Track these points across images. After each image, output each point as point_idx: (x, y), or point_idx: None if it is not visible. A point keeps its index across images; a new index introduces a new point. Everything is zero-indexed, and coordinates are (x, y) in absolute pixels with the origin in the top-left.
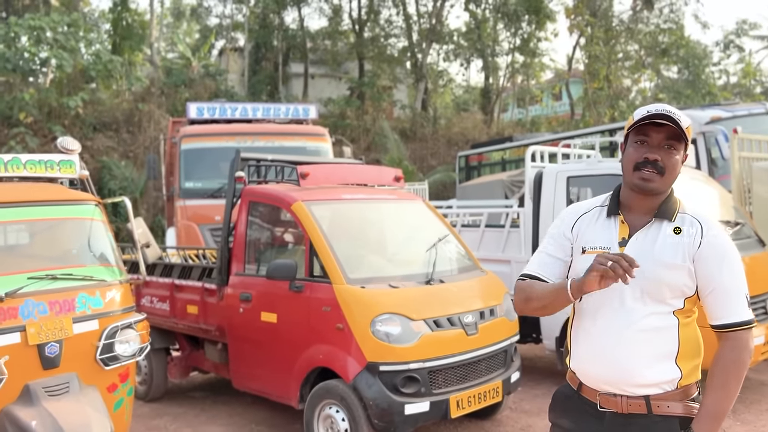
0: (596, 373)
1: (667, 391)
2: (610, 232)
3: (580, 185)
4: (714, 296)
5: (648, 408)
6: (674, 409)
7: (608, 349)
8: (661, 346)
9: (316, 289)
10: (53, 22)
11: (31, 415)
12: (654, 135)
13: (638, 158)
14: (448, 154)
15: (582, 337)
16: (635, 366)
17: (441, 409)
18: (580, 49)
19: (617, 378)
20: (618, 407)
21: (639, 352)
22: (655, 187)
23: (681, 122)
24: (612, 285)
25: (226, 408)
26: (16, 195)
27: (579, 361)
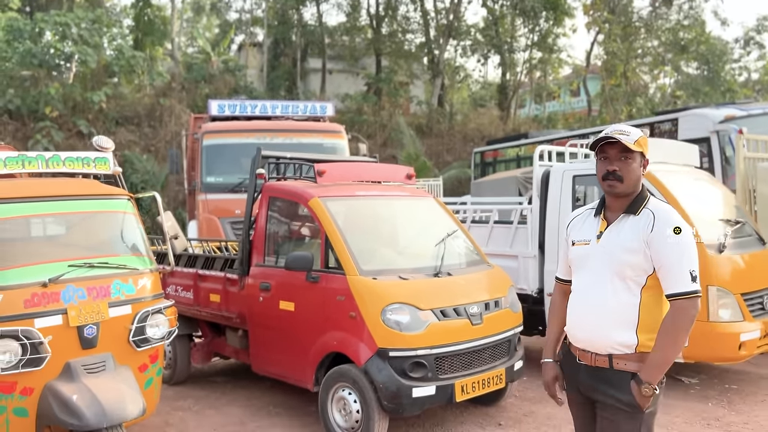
0: (576, 335)
1: (626, 353)
2: (593, 228)
3: (585, 184)
4: (663, 272)
5: (610, 364)
6: (630, 367)
7: (585, 317)
8: (624, 317)
9: (331, 279)
10: (78, 18)
11: (71, 389)
12: (610, 151)
13: (602, 171)
14: (464, 150)
15: (571, 308)
16: (603, 331)
17: (446, 393)
18: (599, 45)
19: (589, 339)
20: (589, 361)
21: (607, 320)
22: (620, 191)
23: (629, 138)
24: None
25: (245, 391)
26: (57, 190)
27: (569, 326)
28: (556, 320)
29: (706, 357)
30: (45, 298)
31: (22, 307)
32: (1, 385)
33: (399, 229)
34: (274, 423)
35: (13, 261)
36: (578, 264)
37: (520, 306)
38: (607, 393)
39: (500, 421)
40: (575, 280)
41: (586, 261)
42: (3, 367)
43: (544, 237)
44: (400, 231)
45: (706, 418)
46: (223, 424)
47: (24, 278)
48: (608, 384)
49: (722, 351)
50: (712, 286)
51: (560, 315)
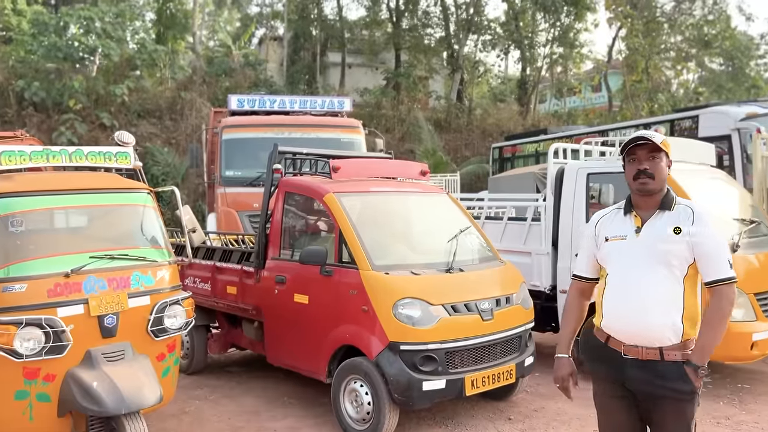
0: (622, 329)
1: (675, 344)
2: (627, 224)
3: (600, 182)
4: (704, 260)
5: (661, 356)
6: (679, 356)
7: (632, 310)
8: (672, 306)
9: (344, 274)
10: (101, 12)
11: (92, 376)
12: (639, 152)
13: (633, 171)
14: (483, 146)
15: (611, 303)
16: (652, 321)
17: (456, 387)
18: (620, 41)
19: (638, 332)
20: (638, 355)
21: (655, 310)
22: (651, 188)
23: (656, 140)
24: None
25: (260, 382)
26: (79, 183)
27: (609, 321)
28: (572, 317)
29: (718, 356)
30: (67, 288)
31: (46, 297)
32: (25, 371)
33: (412, 224)
34: (288, 413)
35: (37, 252)
36: (615, 259)
37: (531, 302)
38: (665, 386)
39: (510, 416)
40: (613, 275)
41: (624, 255)
42: (27, 354)
43: (558, 234)
44: (413, 227)
45: (716, 417)
46: (238, 413)
47: (47, 269)
48: (663, 377)
49: (734, 350)
50: None
51: (577, 312)
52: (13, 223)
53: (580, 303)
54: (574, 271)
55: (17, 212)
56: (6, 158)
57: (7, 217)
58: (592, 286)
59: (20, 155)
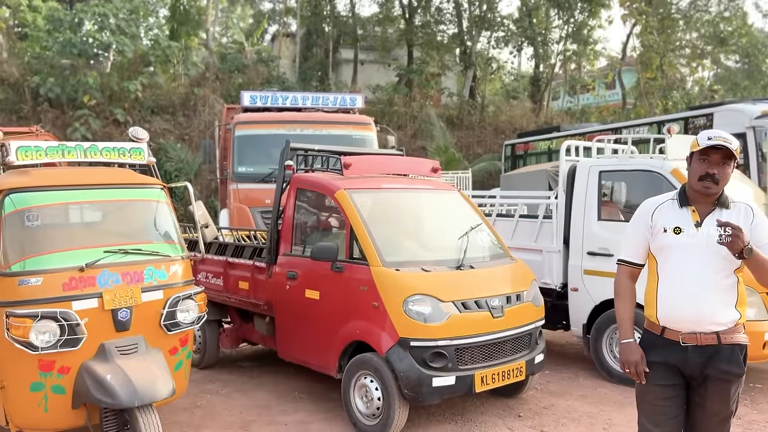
0: (681, 320)
1: (730, 328)
2: (685, 217)
3: (612, 180)
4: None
5: (718, 340)
6: (735, 339)
7: (691, 300)
8: (728, 296)
9: (355, 270)
10: (115, 8)
11: (105, 369)
12: (713, 155)
13: (702, 172)
14: (495, 143)
15: (668, 295)
16: (711, 312)
17: (466, 384)
18: (635, 38)
19: (696, 320)
20: (697, 341)
21: (713, 301)
22: (713, 192)
23: (732, 146)
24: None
25: (271, 377)
26: (94, 178)
27: (666, 312)
28: (628, 301)
29: None
30: (82, 282)
31: (61, 290)
32: (41, 364)
33: (423, 221)
34: (298, 408)
35: (52, 246)
36: (675, 251)
37: (542, 300)
38: (720, 368)
39: (520, 413)
40: (670, 267)
41: (685, 248)
42: (42, 347)
43: (570, 232)
44: (423, 223)
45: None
46: (249, 407)
47: (62, 263)
48: (720, 359)
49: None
50: None
51: (631, 296)
52: (29, 217)
53: (632, 287)
54: (622, 256)
55: (33, 207)
56: (22, 153)
57: (24, 211)
58: (639, 271)
59: (36, 150)
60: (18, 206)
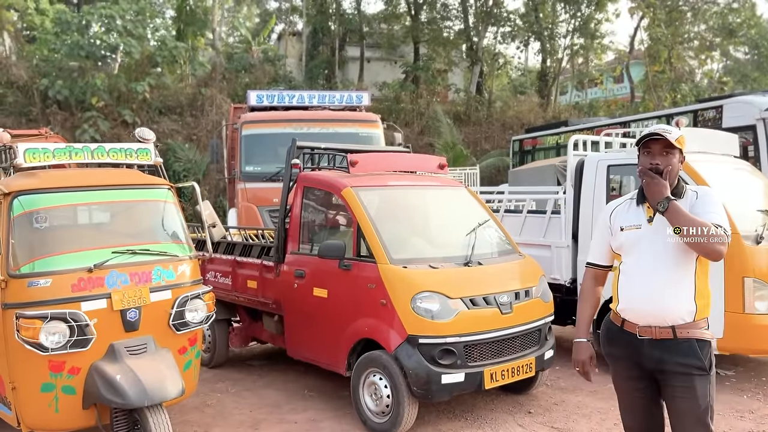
0: (638, 311)
1: (687, 322)
2: (640, 214)
3: (620, 174)
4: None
5: (674, 334)
6: (692, 334)
7: (648, 294)
8: (684, 287)
9: (362, 267)
10: (122, 10)
11: (115, 370)
12: (653, 146)
13: (645, 164)
14: (503, 138)
15: (626, 288)
16: (666, 303)
17: (475, 381)
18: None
19: (652, 314)
20: (652, 335)
21: (670, 292)
22: None
23: (671, 136)
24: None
25: (281, 375)
26: (101, 179)
27: (624, 304)
28: (588, 302)
29: (742, 349)
30: (90, 282)
31: (70, 291)
32: (51, 364)
33: (430, 218)
34: (308, 406)
35: (62, 247)
36: (631, 247)
37: (551, 296)
38: (677, 361)
39: (530, 409)
40: (629, 262)
41: (640, 243)
42: (52, 348)
43: (578, 227)
44: (431, 220)
45: (740, 411)
46: (259, 406)
47: (71, 264)
48: (676, 353)
49: (758, 343)
50: (748, 277)
51: (592, 297)
52: (37, 219)
53: (595, 288)
54: (588, 259)
55: (41, 208)
56: (30, 155)
57: (32, 213)
58: (605, 273)
59: (44, 152)
60: (26, 208)
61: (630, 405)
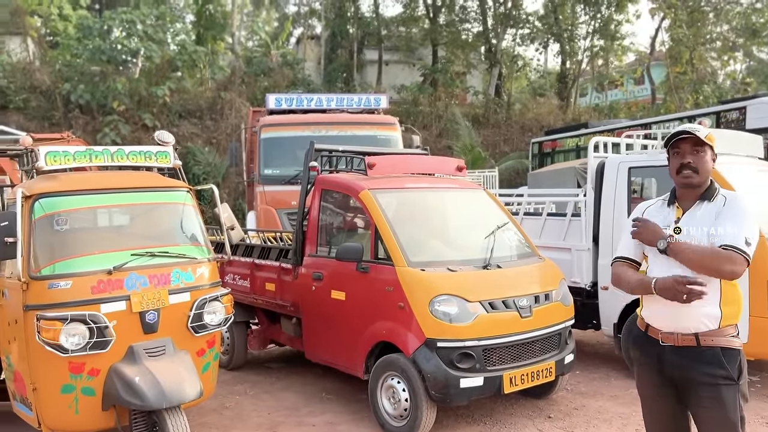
0: (660, 317)
1: (712, 330)
2: (669, 215)
3: (642, 176)
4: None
5: (697, 341)
6: (716, 342)
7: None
8: (708, 295)
9: (380, 270)
10: (143, 15)
11: (134, 371)
12: (683, 146)
13: (676, 164)
14: (522, 141)
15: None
16: (688, 310)
17: (495, 385)
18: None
19: (675, 320)
20: (675, 341)
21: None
22: (695, 181)
23: (700, 133)
24: None
25: (299, 378)
26: (121, 182)
27: (648, 310)
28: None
29: (767, 354)
30: (110, 285)
31: (90, 293)
32: (71, 366)
33: (448, 221)
34: (326, 409)
35: (82, 249)
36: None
37: (571, 299)
38: (702, 371)
39: (550, 414)
40: (654, 264)
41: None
42: (72, 349)
43: (599, 230)
44: (449, 223)
45: (765, 417)
46: (277, 409)
47: (91, 266)
48: (699, 361)
49: None
50: None
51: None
52: (58, 221)
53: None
54: (617, 254)
55: (62, 211)
56: (51, 158)
57: (53, 215)
58: (635, 267)
59: (64, 155)
60: (47, 210)
61: (654, 412)
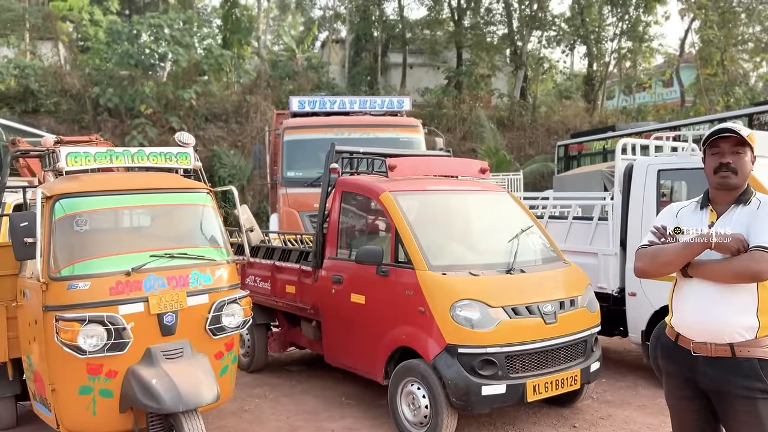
0: (692, 325)
1: (747, 339)
2: (702, 219)
3: (671, 179)
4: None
5: (732, 352)
6: (755, 353)
7: (703, 306)
8: (744, 302)
9: (400, 274)
10: (170, 19)
11: (151, 374)
12: (723, 145)
13: (714, 164)
14: (547, 144)
15: (681, 299)
16: (724, 318)
17: (517, 393)
18: (694, 33)
19: (707, 329)
20: (708, 352)
21: (728, 307)
22: (733, 183)
23: (742, 133)
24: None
25: (319, 382)
26: (141, 183)
27: (679, 318)
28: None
29: None
30: (128, 286)
31: (108, 295)
32: (89, 367)
33: (471, 224)
34: (345, 414)
35: (101, 250)
36: None
37: (597, 305)
38: (738, 383)
39: (575, 423)
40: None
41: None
42: (90, 351)
43: (626, 234)
44: (471, 226)
45: None
46: (296, 413)
47: (109, 267)
48: (735, 374)
49: None
50: None
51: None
52: (77, 222)
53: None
54: (643, 242)
55: (82, 212)
56: (72, 159)
57: (73, 216)
58: None
59: (85, 156)
60: (68, 211)
61: (684, 425)
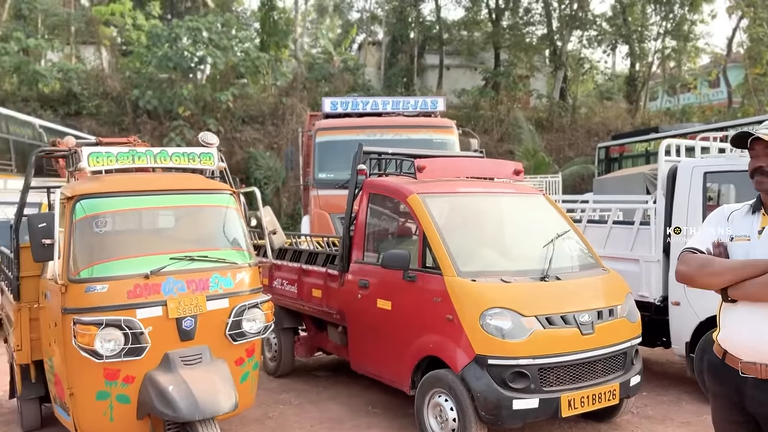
0: (739, 344)
1: None
2: (752, 224)
3: (718, 182)
4: None
5: None
6: None
7: (751, 321)
8: None
9: (428, 279)
10: (209, 23)
11: (168, 380)
12: (757, 147)
13: (751, 168)
14: (588, 146)
15: (729, 314)
16: None
17: (551, 407)
18: (742, 31)
19: (759, 347)
20: (758, 374)
21: None
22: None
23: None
24: None
25: (345, 389)
26: (163, 184)
27: (726, 334)
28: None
29: None
30: (146, 289)
31: (126, 298)
32: (106, 372)
33: (503, 228)
34: (371, 423)
35: (120, 252)
36: None
37: (638, 315)
38: None
39: None
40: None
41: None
42: (107, 355)
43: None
44: (504, 230)
45: None
46: (321, 421)
47: (128, 269)
48: None
49: None
50: None
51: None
52: (97, 223)
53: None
54: (690, 245)
55: (102, 213)
56: (93, 159)
57: (93, 217)
58: None
59: (107, 156)
60: (88, 212)
61: None
